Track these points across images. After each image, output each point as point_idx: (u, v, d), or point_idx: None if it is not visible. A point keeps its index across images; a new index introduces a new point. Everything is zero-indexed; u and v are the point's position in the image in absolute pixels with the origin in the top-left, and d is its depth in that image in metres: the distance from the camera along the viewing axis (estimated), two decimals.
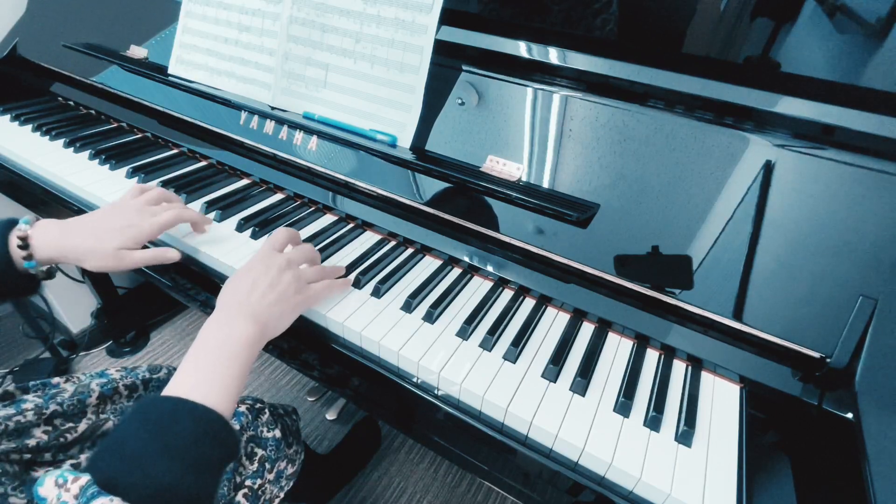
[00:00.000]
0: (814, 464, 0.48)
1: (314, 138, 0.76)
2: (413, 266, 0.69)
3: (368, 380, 0.60)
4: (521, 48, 0.65)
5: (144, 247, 0.64)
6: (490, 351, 0.57)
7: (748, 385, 0.56)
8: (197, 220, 0.67)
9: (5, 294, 0.60)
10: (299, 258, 0.59)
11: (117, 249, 0.59)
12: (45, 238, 0.58)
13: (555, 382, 0.54)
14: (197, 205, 0.76)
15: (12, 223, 0.58)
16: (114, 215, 0.62)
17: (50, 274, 0.62)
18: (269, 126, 0.79)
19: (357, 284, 0.64)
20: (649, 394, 0.54)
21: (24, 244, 0.57)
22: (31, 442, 0.56)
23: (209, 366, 0.45)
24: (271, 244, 0.58)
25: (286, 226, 0.73)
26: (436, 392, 0.55)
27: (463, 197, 0.66)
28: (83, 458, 0.59)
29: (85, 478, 0.35)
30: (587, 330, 0.62)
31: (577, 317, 0.63)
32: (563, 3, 0.64)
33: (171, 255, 0.64)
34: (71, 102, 1.07)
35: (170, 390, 0.43)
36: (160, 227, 0.62)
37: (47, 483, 0.35)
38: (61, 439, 0.59)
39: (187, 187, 0.80)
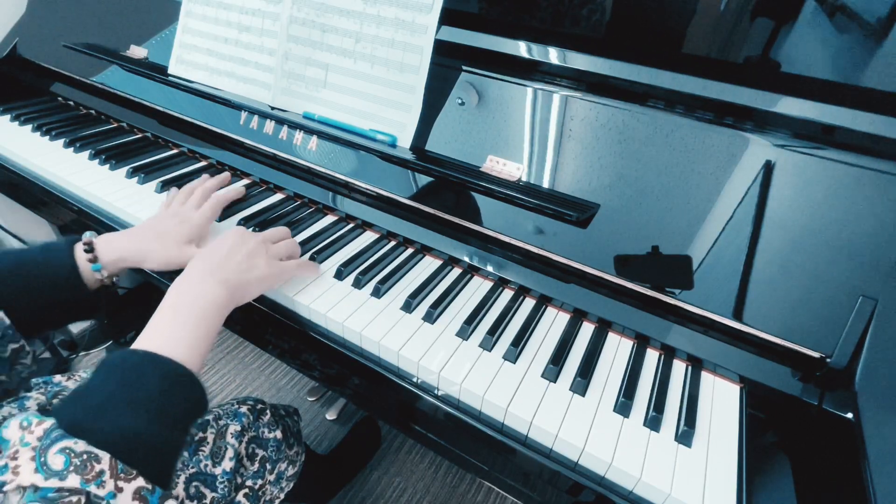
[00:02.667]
0: (814, 464, 0.48)
1: (314, 138, 0.76)
2: (413, 266, 0.69)
3: (368, 380, 0.60)
4: (522, 48, 0.65)
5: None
6: (490, 351, 0.57)
7: (748, 385, 0.56)
8: (232, 197, 0.73)
9: (73, 312, 0.60)
10: (274, 236, 0.62)
11: (179, 244, 0.62)
12: (111, 243, 0.60)
13: (555, 382, 0.54)
14: None
15: (76, 238, 0.60)
16: (164, 220, 0.65)
17: (114, 283, 0.64)
18: (269, 126, 0.79)
19: (357, 284, 0.64)
20: (649, 394, 0.54)
21: (90, 248, 0.58)
22: None
23: (178, 323, 0.46)
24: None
25: (286, 226, 0.73)
26: (436, 392, 0.55)
27: (463, 197, 0.66)
28: None
29: (49, 421, 0.36)
30: (587, 330, 0.62)
31: (577, 317, 0.63)
32: (554, 2, 0.64)
33: None
34: (71, 102, 1.07)
35: (138, 345, 0.44)
36: (209, 216, 0.66)
37: (12, 425, 0.35)
38: None
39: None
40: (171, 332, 0.45)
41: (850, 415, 0.47)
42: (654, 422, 0.50)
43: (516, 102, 0.65)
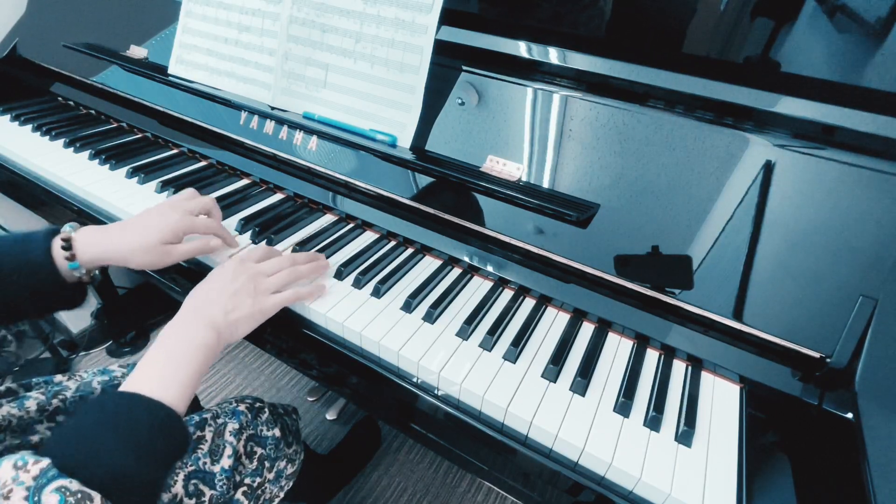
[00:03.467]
0: (814, 464, 0.48)
1: (314, 138, 0.76)
2: (413, 266, 0.69)
3: (368, 380, 0.60)
4: (522, 48, 0.65)
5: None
6: (490, 351, 0.57)
7: (748, 385, 0.56)
8: (227, 240, 0.68)
9: (51, 304, 0.60)
10: (271, 269, 0.60)
11: (162, 244, 0.61)
12: (89, 240, 0.59)
13: (555, 382, 0.54)
14: None
15: (55, 230, 0.59)
16: (151, 215, 0.63)
17: (93, 279, 0.63)
18: (269, 126, 0.79)
19: (357, 284, 0.64)
20: (649, 394, 0.54)
21: (68, 245, 0.57)
22: (35, 438, 0.57)
23: (167, 366, 0.47)
24: (245, 254, 0.61)
25: (286, 226, 0.74)
26: (436, 392, 0.55)
27: (463, 197, 0.66)
28: None
29: (45, 461, 0.36)
30: (587, 330, 0.62)
31: (577, 317, 0.63)
32: (554, 2, 0.64)
33: (213, 244, 0.65)
34: (71, 102, 1.07)
35: (128, 386, 0.45)
36: (194, 225, 0.64)
37: (5, 465, 0.36)
38: None
39: (187, 188, 0.80)
40: (160, 375, 0.46)
41: (850, 415, 0.47)
42: (654, 422, 0.50)
43: (516, 102, 0.65)
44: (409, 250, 0.72)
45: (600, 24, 0.63)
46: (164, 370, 0.47)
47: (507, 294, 0.66)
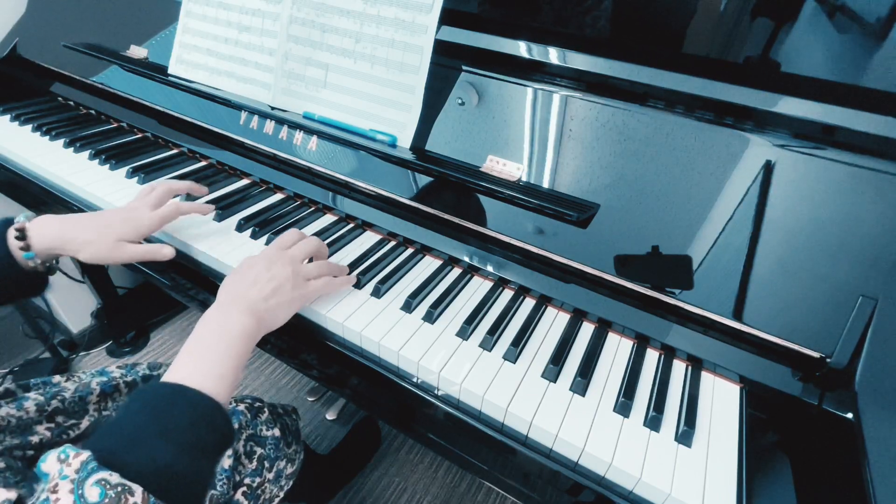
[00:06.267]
0: (814, 464, 0.48)
1: (314, 138, 0.76)
2: (413, 266, 0.69)
3: (368, 380, 0.60)
4: (522, 48, 0.65)
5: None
6: (490, 351, 0.57)
7: (748, 385, 0.55)
8: (197, 211, 0.69)
9: (11, 294, 0.60)
10: (302, 254, 0.60)
11: (117, 241, 0.60)
12: (43, 229, 0.59)
13: (555, 382, 0.54)
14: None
15: (9, 221, 0.59)
16: (116, 211, 0.64)
17: (50, 269, 0.63)
18: (269, 126, 0.79)
19: (357, 284, 0.64)
20: (649, 394, 0.54)
21: (22, 235, 0.57)
22: (34, 439, 0.57)
23: (206, 355, 0.46)
24: (279, 243, 0.60)
25: (286, 226, 0.74)
26: (436, 392, 0.55)
27: (463, 197, 0.66)
28: None
29: (86, 453, 0.36)
30: (587, 330, 0.62)
31: (577, 317, 0.63)
32: (554, 2, 0.64)
33: (165, 252, 0.64)
34: (71, 102, 1.07)
35: (168, 377, 0.44)
36: (160, 219, 0.64)
37: (50, 459, 0.36)
38: (64, 436, 0.59)
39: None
40: (200, 365, 0.45)
41: (850, 415, 0.47)
42: (654, 422, 0.50)
43: (516, 102, 0.65)
44: (409, 250, 0.72)
45: (600, 24, 0.63)
46: (204, 360, 0.46)
47: (507, 294, 0.66)
